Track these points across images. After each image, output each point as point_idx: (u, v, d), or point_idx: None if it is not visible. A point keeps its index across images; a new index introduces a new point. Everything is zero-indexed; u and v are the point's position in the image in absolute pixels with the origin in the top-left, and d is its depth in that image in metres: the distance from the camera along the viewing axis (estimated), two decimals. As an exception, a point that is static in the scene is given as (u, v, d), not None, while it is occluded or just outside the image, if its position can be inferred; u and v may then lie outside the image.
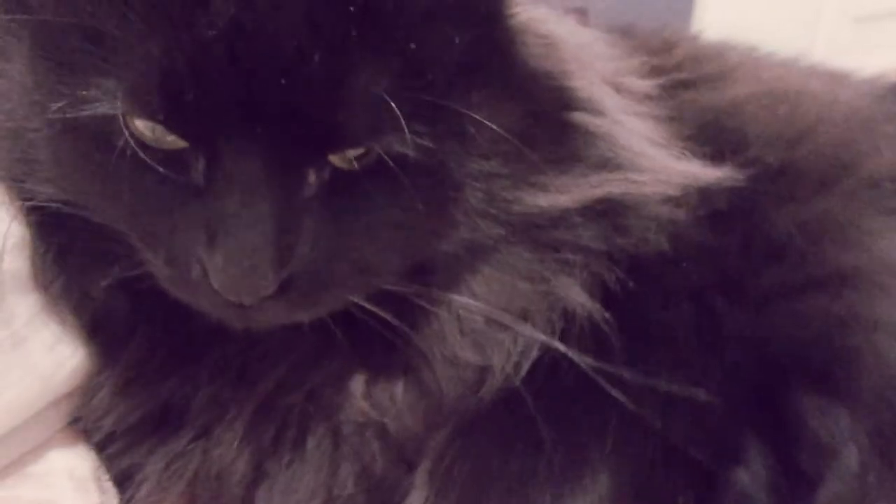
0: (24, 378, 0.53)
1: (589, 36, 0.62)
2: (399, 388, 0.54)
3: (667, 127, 0.59)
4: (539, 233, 0.53)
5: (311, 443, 0.54)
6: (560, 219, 0.53)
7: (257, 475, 0.54)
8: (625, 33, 0.71)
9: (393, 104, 0.43)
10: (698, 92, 0.64)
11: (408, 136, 0.44)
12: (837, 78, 0.77)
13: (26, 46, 0.48)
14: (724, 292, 0.55)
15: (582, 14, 0.72)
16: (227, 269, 0.44)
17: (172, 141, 0.45)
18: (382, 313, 0.50)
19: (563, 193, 0.53)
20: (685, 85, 0.64)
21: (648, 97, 0.61)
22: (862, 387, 0.53)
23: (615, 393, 0.51)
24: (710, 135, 0.59)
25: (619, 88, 0.60)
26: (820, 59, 0.83)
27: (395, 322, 0.51)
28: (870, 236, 0.58)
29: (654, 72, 0.63)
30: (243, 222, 0.44)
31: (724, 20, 0.81)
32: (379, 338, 0.52)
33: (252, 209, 0.44)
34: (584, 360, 0.51)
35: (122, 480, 0.57)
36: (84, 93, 0.44)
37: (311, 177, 0.46)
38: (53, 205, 0.50)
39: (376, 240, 0.48)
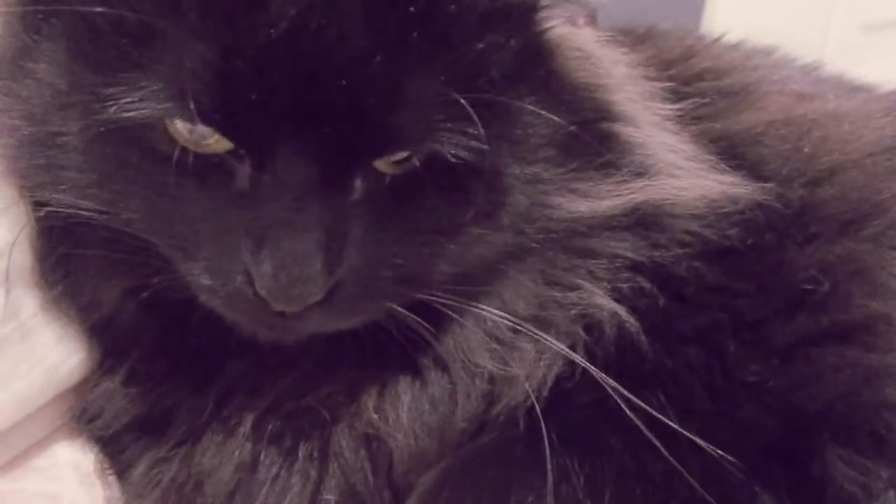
0: (32, 370, 0.53)
1: (615, 54, 0.61)
2: (412, 401, 0.54)
3: (693, 148, 0.59)
4: (575, 240, 0.53)
5: (302, 453, 0.53)
6: (597, 226, 0.53)
7: (238, 486, 0.53)
8: (643, 38, 0.71)
9: (450, 105, 0.44)
10: (717, 116, 0.62)
11: (462, 136, 0.45)
12: (862, 98, 0.73)
13: (60, 45, 0.47)
14: (737, 337, 0.53)
15: (590, 13, 0.72)
16: (277, 276, 0.43)
17: (212, 144, 0.44)
18: (418, 321, 0.50)
19: (602, 199, 0.53)
20: (704, 107, 0.63)
21: (670, 119, 0.60)
22: None
23: (635, 419, 0.48)
24: (728, 164, 0.58)
25: (645, 109, 0.59)
26: (828, 66, 0.83)
27: (428, 330, 0.51)
28: None
29: (675, 93, 0.62)
30: (293, 228, 0.43)
31: (733, 26, 0.81)
32: (397, 347, 0.52)
33: (302, 214, 0.44)
34: (604, 379, 0.50)
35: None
36: (127, 95, 0.43)
37: (360, 180, 0.46)
38: (82, 212, 0.49)
39: (424, 246, 0.48)
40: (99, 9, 0.43)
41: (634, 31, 0.72)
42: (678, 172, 0.56)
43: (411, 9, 0.42)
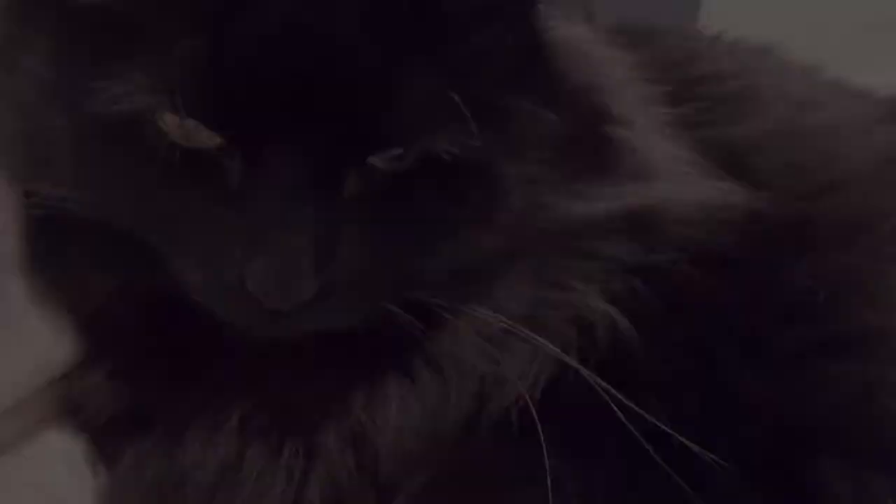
0: (22, 356, 0.52)
1: (615, 55, 0.60)
2: (401, 400, 0.52)
3: (690, 154, 0.58)
4: (570, 241, 0.52)
5: (287, 451, 0.52)
6: (593, 228, 0.52)
7: (221, 482, 0.52)
8: (644, 39, 0.69)
9: (445, 102, 0.42)
10: (717, 123, 0.61)
11: (458, 134, 0.43)
12: (862, 106, 0.72)
13: (47, 36, 0.45)
14: (732, 346, 0.52)
15: (587, 9, 0.71)
16: (268, 273, 0.42)
17: (203, 139, 0.43)
18: (410, 320, 0.49)
19: (599, 202, 0.52)
20: (704, 113, 0.62)
21: (669, 124, 0.59)
22: None
23: (627, 423, 0.47)
24: (726, 172, 0.57)
25: (644, 112, 0.58)
26: (829, 65, 0.82)
27: (420, 329, 0.50)
28: None
29: (675, 97, 0.61)
30: (285, 225, 0.42)
31: (731, 23, 0.80)
32: (387, 346, 0.51)
33: (293, 212, 0.42)
34: (596, 381, 0.49)
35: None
36: (114, 87, 0.42)
37: (353, 178, 0.44)
38: (71, 206, 0.48)
39: (418, 244, 0.47)
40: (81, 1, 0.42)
41: (635, 31, 0.70)
42: (674, 177, 0.55)
43: (405, 4, 0.41)
